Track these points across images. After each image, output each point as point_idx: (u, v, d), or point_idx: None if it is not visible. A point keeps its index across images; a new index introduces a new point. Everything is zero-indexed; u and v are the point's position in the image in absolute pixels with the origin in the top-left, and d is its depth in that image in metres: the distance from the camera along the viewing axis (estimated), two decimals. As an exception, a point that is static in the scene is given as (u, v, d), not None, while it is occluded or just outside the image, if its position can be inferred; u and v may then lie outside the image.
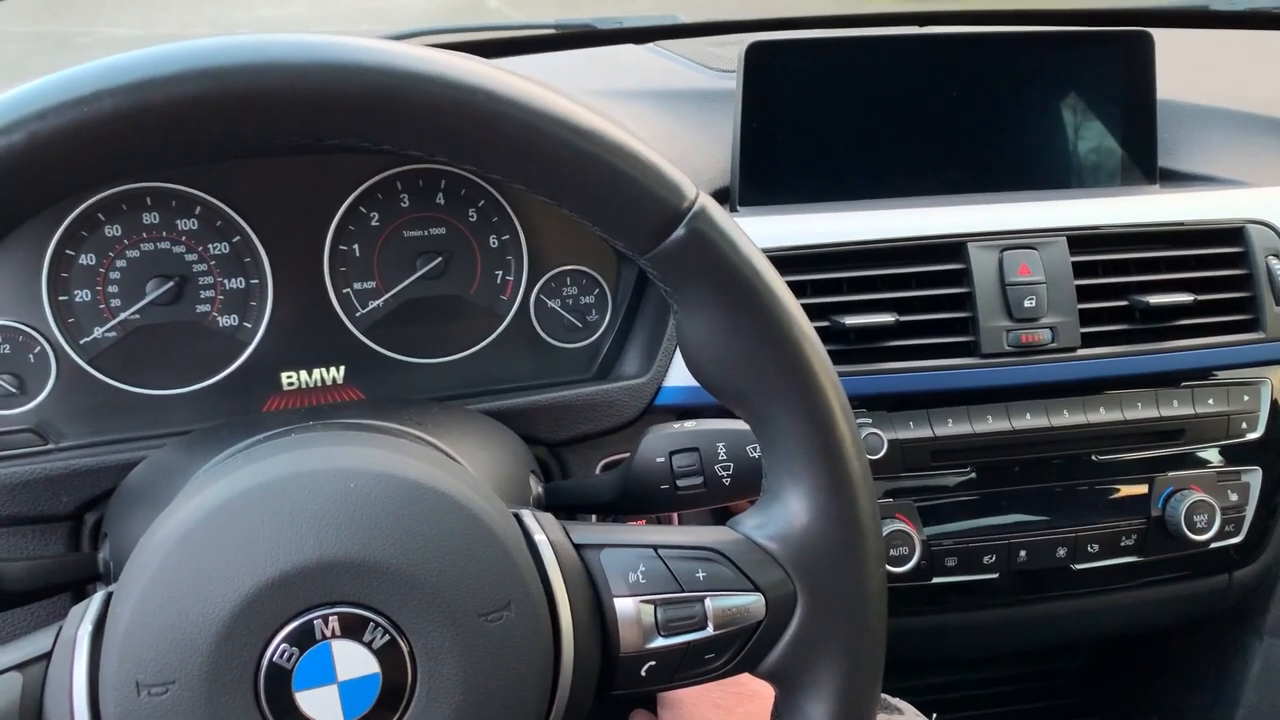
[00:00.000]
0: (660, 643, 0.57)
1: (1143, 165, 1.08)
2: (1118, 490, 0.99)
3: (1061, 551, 0.98)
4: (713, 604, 0.57)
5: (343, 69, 0.49)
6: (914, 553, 0.92)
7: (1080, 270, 0.96)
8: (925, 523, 0.95)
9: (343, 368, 0.91)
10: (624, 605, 0.57)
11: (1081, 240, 0.97)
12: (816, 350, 0.57)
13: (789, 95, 1.01)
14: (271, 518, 0.51)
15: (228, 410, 0.89)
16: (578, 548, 0.58)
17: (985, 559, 0.96)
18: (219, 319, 0.88)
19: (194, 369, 0.88)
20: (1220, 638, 1.14)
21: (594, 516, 0.86)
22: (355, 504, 0.52)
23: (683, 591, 0.57)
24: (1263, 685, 1.11)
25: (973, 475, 0.96)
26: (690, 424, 0.74)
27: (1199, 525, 0.97)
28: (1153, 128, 1.08)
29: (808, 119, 1.02)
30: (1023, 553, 0.97)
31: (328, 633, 0.50)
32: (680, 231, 0.54)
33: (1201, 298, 0.98)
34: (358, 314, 0.90)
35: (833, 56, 1.02)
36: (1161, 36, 1.07)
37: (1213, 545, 1.00)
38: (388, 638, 0.51)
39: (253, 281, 0.88)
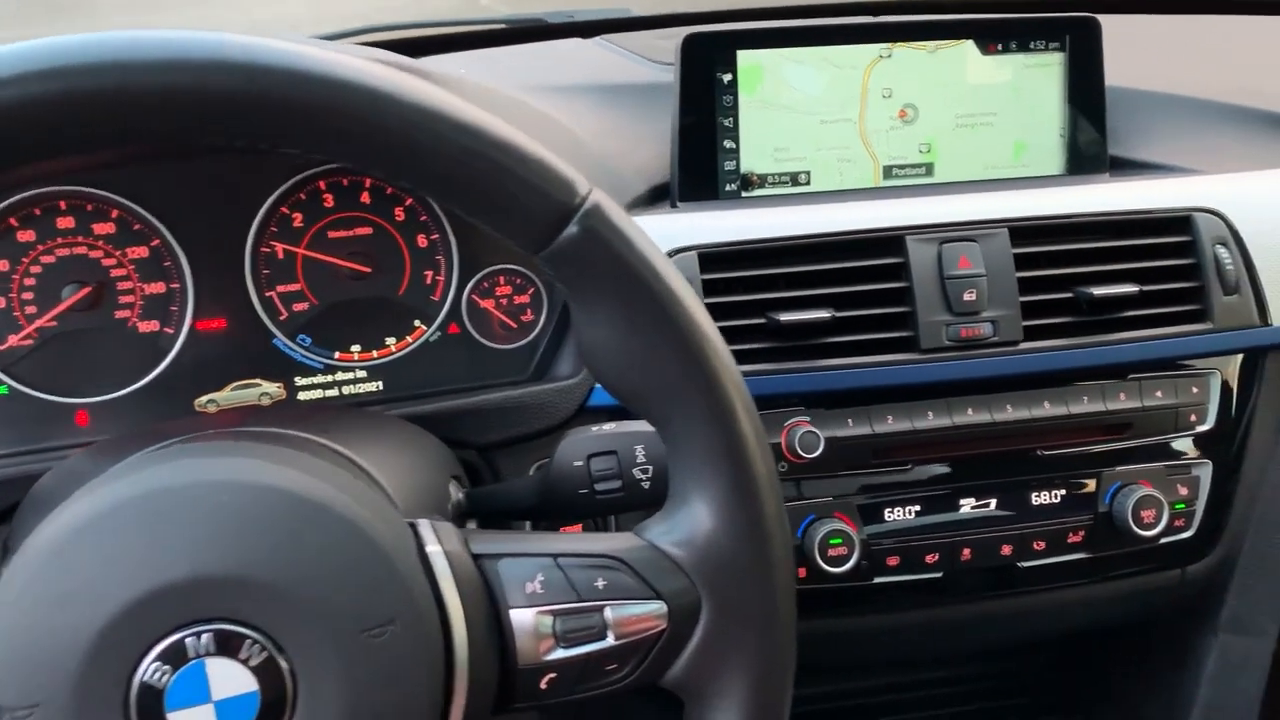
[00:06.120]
0: (560, 654, 0.55)
1: (1092, 154, 1.07)
2: (1063, 486, 0.97)
3: (1006, 549, 0.95)
4: (613, 613, 0.55)
5: (214, 66, 0.47)
6: (853, 552, 0.90)
7: (1023, 262, 0.94)
8: (865, 522, 0.93)
9: (268, 372, 0.89)
10: (521, 616, 0.55)
11: (1024, 231, 0.95)
12: (718, 350, 0.56)
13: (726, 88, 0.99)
14: (139, 533, 0.49)
15: (151, 418, 0.87)
16: (475, 558, 0.56)
17: (928, 558, 0.94)
18: (139, 325, 0.86)
19: (114, 377, 0.86)
20: (1176, 635, 1.12)
21: (528, 524, 0.84)
22: (227, 517, 0.50)
23: (581, 601, 0.55)
24: (1218, 682, 1.09)
25: (914, 473, 0.94)
26: (609, 426, 0.72)
27: (1146, 521, 0.95)
28: (1102, 115, 1.07)
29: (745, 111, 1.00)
30: (966, 551, 0.95)
31: (201, 650, 0.48)
32: (573, 229, 0.52)
33: (1148, 288, 0.96)
34: (282, 318, 0.88)
35: (774, 46, 1.00)
36: (1113, 22, 1.06)
37: (1162, 540, 0.98)
38: (265, 654, 0.49)
39: (173, 286, 0.86)
